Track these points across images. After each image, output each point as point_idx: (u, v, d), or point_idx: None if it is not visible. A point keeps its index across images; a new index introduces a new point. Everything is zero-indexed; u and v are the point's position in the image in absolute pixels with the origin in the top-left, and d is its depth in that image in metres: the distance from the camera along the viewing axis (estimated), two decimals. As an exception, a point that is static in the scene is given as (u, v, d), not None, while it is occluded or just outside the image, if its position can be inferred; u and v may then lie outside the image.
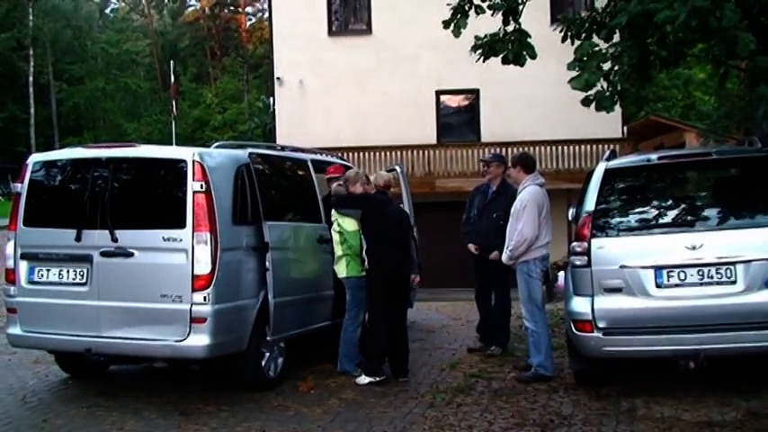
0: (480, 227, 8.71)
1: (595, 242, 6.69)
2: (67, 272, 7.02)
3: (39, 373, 8.32)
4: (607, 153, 7.53)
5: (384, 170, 10.26)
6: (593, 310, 6.62)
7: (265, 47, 44.29)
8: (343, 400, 7.09)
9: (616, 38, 7.66)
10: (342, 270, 7.93)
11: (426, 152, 24.38)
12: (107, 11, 65.49)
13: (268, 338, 7.19)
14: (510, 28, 8.00)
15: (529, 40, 7.93)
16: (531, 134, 23.32)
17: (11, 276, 7.33)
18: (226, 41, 62.31)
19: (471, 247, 8.82)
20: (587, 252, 6.68)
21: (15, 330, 7.29)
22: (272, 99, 27.87)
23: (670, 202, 7.16)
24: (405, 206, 9.77)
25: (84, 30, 55.09)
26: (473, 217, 8.88)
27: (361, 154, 23.77)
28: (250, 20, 63.93)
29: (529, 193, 7.65)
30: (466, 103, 26.15)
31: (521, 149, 20.23)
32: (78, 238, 6.92)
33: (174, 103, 33.36)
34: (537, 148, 22.50)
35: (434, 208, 18.86)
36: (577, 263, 6.75)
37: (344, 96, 24.99)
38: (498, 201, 8.63)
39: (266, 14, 39.01)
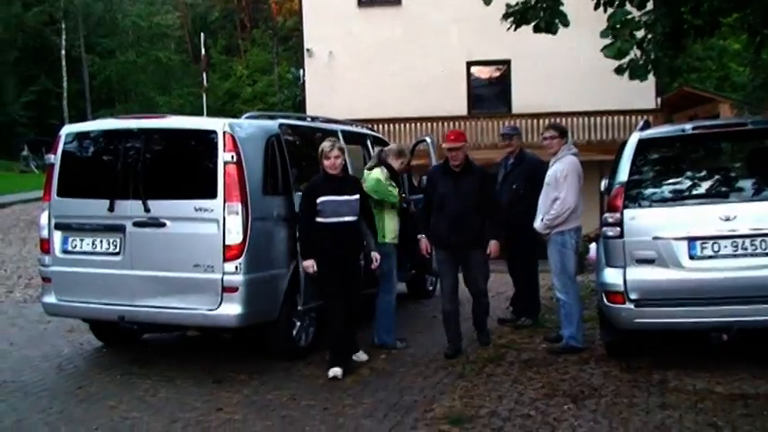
0: (501, 199, 8.66)
1: (628, 213, 6.63)
2: (101, 242, 7.10)
3: (73, 341, 8.44)
4: (641, 123, 7.44)
5: (414, 141, 10.23)
6: (625, 281, 6.57)
7: (295, 19, 44.10)
8: (374, 369, 7.13)
9: (649, 5, 7.54)
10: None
11: (457, 123, 24.25)
12: (137, -17, 65.53)
13: (299, 308, 7.24)
14: (542, -5, 7.90)
15: (561, 7, 7.82)
16: (563, 105, 23.11)
17: (45, 246, 7.42)
18: (255, 13, 62.05)
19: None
20: (620, 223, 6.62)
21: (50, 299, 7.40)
22: (301, 71, 27.85)
23: (704, 172, 7.04)
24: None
25: (115, 3, 55.08)
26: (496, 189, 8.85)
27: (392, 126, 23.73)
28: (280, -9, 63.68)
29: (569, 162, 7.60)
30: (497, 74, 25.97)
31: (552, 120, 20.10)
32: (111, 209, 6.99)
33: (204, 75, 33.43)
34: (569, 119, 22.36)
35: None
36: (610, 234, 6.69)
37: (375, 68, 24.90)
38: (516, 171, 8.64)
39: (296, -14, 38.89)
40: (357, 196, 7.02)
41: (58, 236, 7.33)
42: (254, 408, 6.03)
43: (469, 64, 25.48)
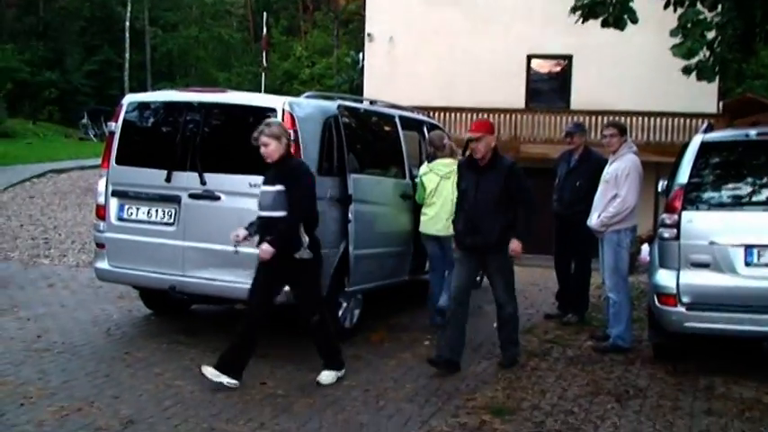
0: (563, 195, 8.60)
1: (686, 215, 6.54)
2: (156, 211, 7.19)
3: (122, 307, 8.59)
4: (704, 126, 7.32)
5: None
6: (678, 284, 6.49)
7: (357, 2, 44.16)
8: (417, 355, 7.12)
9: (720, 7, 7.40)
10: (442, 228, 7.90)
11: (514, 116, 24.09)
12: (204, -40, 66.07)
13: (346, 289, 7.26)
14: (612, -10, 7.80)
15: (630, 3, 7.72)
16: (623, 104, 22.78)
17: (101, 212, 7.53)
18: (318, -5, 62.34)
19: None
20: (677, 225, 6.53)
21: (103, 265, 7.52)
22: (361, 55, 27.86)
23: (765, 179, 6.89)
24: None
25: (181, -23, 55.86)
26: (557, 185, 8.78)
27: (448, 114, 23.62)
28: (344, -25, 63.78)
29: (630, 161, 7.50)
30: (557, 68, 25.72)
31: (610, 119, 19.84)
32: (168, 179, 7.07)
33: (264, 54, 33.64)
34: (628, 119, 22.00)
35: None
36: (666, 235, 6.60)
37: (434, 55, 24.81)
38: (581, 169, 8.51)
39: (360, -30, 38.92)
40: (279, 188, 5.96)
41: (114, 203, 7.44)
42: (297, 384, 6.08)
43: (530, 57, 25.25)
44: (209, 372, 5.89)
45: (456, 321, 6.70)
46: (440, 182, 7.96)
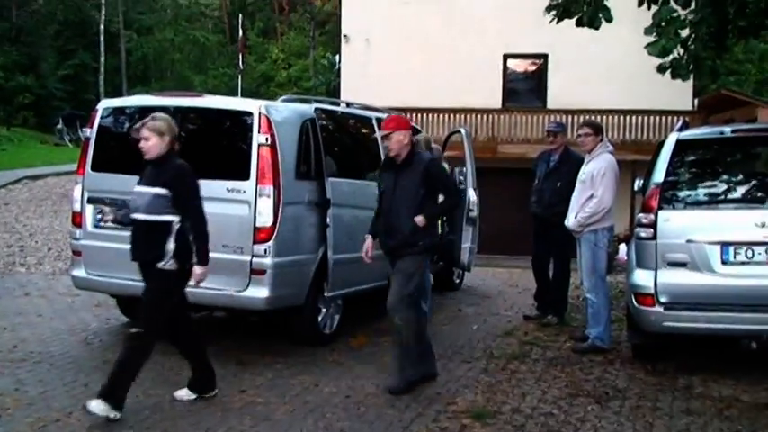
0: (542, 196, 8.61)
1: (662, 214, 6.56)
2: (132, 218, 7.11)
3: (100, 315, 8.53)
4: (679, 124, 7.35)
5: (448, 132, 10.19)
6: (655, 283, 6.51)
7: (333, 3, 44.12)
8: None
9: (693, 4, 7.44)
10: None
11: (491, 116, 24.18)
12: (178, -38, 65.79)
13: (326, 294, 7.23)
14: (587, -11, 7.83)
15: (605, 2, 7.75)
16: (599, 103, 22.90)
17: (77, 219, 7.48)
18: (294, -3, 62.27)
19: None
20: (653, 224, 6.55)
21: (80, 273, 7.45)
22: (337, 57, 27.84)
23: (741, 177, 6.94)
24: (467, 169, 9.70)
25: (155, -20, 55.61)
26: (536, 186, 8.78)
27: (426, 115, 23.67)
28: (319, -24, 63.75)
29: (606, 160, 7.52)
30: (533, 68, 25.83)
31: (587, 118, 19.94)
32: (144, 185, 6.99)
33: (240, 57, 33.55)
34: (604, 117, 22.16)
35: (496, 173, 18.73)
36: (642, 235, 6.62)
37: (411, 57, 24.82)
38: (561, 169, 8.50)
39: (336, -29, 38.92)
40: (160, 191, 5.45)
41: (90, 210, 7.37)
42: (277, 392, 6.05)
43: (506, 56, 25.34)
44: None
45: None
46: None
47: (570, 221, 7.63)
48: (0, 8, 48.44)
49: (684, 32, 6.81)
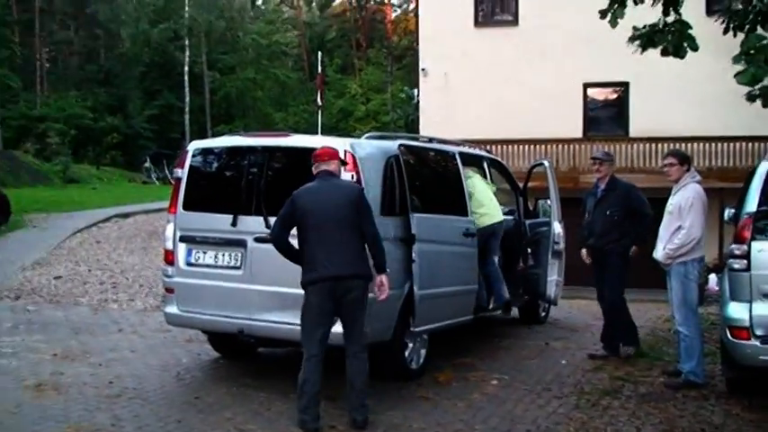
0: (594, 227, 8.49)
1: (756, 245, 6.39)
2: (223, 255, 7.27)
3: (191, 351, 8.68)
4: (771, 152, 7.18)
5: (530, 164, 10.18)
6: (750, 316, 6.33)
7: (410, 38, 44.58)
8: (485, 394, 7.07)
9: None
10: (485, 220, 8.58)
11: (572, 146, 23.90)
12: (258, 2, 67.34)
13: (412, 329, 7.24)
14: (670, 19, 7.74)
15: (690, 30, 7.65)
16: (682, 130, 22.45)
17: (169, 257, 7.64)
18: (371, 33, 63.02)
19: (583, 254, 8.68)
20: (747, 255, 6.39)
21: (172, 309, 7.61)
22: (415, 90, 28.00)
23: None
24: (552, 202, 9.65)
25: (237, 21, 56.90)
26: (587, 219, 8.66)
27: (506, 147, 23.56)
28: (395, 11, 64.43)
29: (694, 191, 7.38)
30: (614, 96, 25.50)
31: (671, 146, 19.58)
32: (234, 224, 7.15)
33: (319, 93, 34.07)
34: (689, 144, 21.68)
35: (578, 204, 18.47)
36: (736, 266, 6.46)
37: (489, 88, 24.78)
38: (609, 198, 8.44)
39: (412, 5, 39.31)
40: None
41: (182, 248, 7.55)
42: (367, 428, 6.05)
43: (586, 85, 25.10)
44: None
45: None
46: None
47: (659, 253, 7.49)
48: (89, 52, 50.40)
49: (775, 61, 6.68)
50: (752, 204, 6.56)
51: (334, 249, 6.00)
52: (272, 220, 6.94)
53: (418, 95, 27.32)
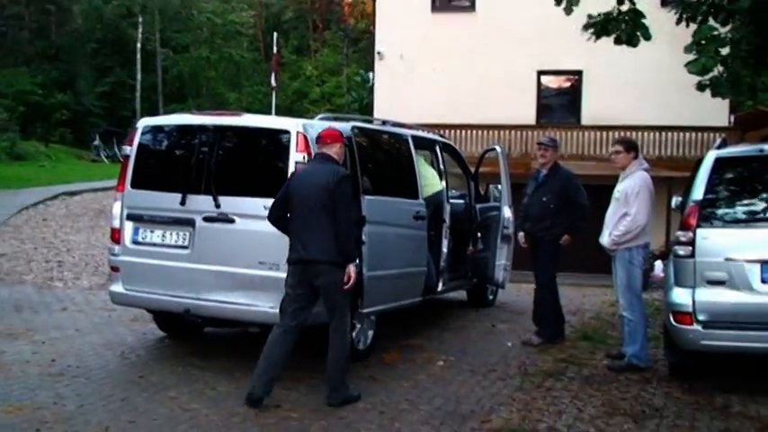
0: (530, 212, 8.58)
1: (701, 232, 6.50)
2: (170, 234, 7.20)
3: (136, 330, 8.60)
4: (718, 141, 7.30)
5: (482, 149, 10.23)
6: (693, 301, 6.45)
7: (367, 21, 44.34)
8: (431, 375, 7.12)
9: (733, 22, 7.40)
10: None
11: (524, 132, 24.10)
12: (214, -19, 66.49)
13: (360, 310, 7.25)
14: (624, 7, 7.81)
15: (643, 20, 7.74)
16: (633, 119, 22.78)
17: (116, 236, 7.55)
18: (328, 14, 62.55)
19: (521, 238, 8.76)
20: (692, 242, 6.50)
21: (117, 288, 7.53)
22: (370, 74, 27.95)
23: (781, 195, 6.88)
24: (503, 187, 9.71)
25: (192, -1, 56.18)
26: (524, 203, 8.74)
27: (459, 132, 23.68)
28: (353, -6, 64.15)
29: (641, 179, 7.46)
30: (567, 84, 25.75)
31: (622, 133, 19.83)
32: (183, 203, 7.08)
33: (274, 74, 33.79)
34: (639, 133, 22.01)
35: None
36: (681, 253, 6.57)
37: (444, 73, 24.87)
38: (548, 184, 8.51)
39: (369, -12, 39.09)
40: None
41: (129, 226, 7.46)
42: (312, 407, 6.06)
43: (540, 73, 25.30)
44: None
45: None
46: None
47: (605, 239, 7.59)
48: (40, 27, 49.31)
49: (724, 50, 6.77)
50: (698, 193, 6.66)
51: (307, 233, 6.06)
52: (222, 199, 6.93)
53: (373, 79, 27.27)
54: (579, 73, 24.85)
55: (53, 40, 49.92)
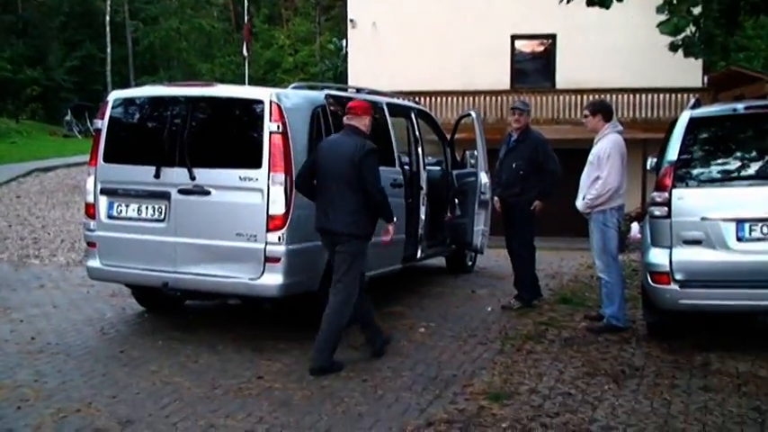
0: (501, 177, 8.59)
1: (676, 193, 6.54)
2: (146, 208, 7.15)
3: (115, 305, 8.56)
4: (692, 101, 7.32)
5: (457, 115, 10.19)
6: (670, 261, 6.49)
7: (338, -12, 43.97)
8: (413, 342, 7.14)
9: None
10: None
11: (499, 98, 24.08)
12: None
13: (340, 279, 7.23)
14: (597, -32, 7.78)
15: (615, -19, 7.71)
16: (608, 82, 22.81)
17: (91, 211, 7.48)
18: (299, -18, 62.02)
19: (496, 203, 8.80)
20: (668, 203, 6.53)
21: (95, 263, 7.48)
22: (344, 41, 27.76)
23: (755, 153, 6.89)
24: (478, 152, 9.70)
25: (160, -31, 55.43)
26: (497, 168, 8.74)
27: (434, 98, 23.62)
28: (324, -40, 63.49)
29: (612, 141, 7.48)
30: (541, 48, 25.71)
31: (597, 97, 19.87)
32: (157, 175, 7.02)
33: (246, 44, 33.47)
34: (613, 96, 22.09)
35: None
36: (657, 213, 6.60)
37: (418, 40, 24.74)
38: (519, 149, 8.49)
39: (340, -45, 38.71)
40: None
41: (103, 201, 7.39)
42: (294, 377, 6.07)
43: (514, 37, 25.23)
44: None
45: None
46: None
47: (579, 203, 7.62)
48: (6, 2, 48.46)
49: (696, 10, 6.76)
50: (673, 153, 6.68)
51: (331, 203, 6.25)
52: (197, 171, 6.88)
53: (347, 47, 27.08)
54: (553, 37, 24.81)
55: (20, 14, 49.14)
